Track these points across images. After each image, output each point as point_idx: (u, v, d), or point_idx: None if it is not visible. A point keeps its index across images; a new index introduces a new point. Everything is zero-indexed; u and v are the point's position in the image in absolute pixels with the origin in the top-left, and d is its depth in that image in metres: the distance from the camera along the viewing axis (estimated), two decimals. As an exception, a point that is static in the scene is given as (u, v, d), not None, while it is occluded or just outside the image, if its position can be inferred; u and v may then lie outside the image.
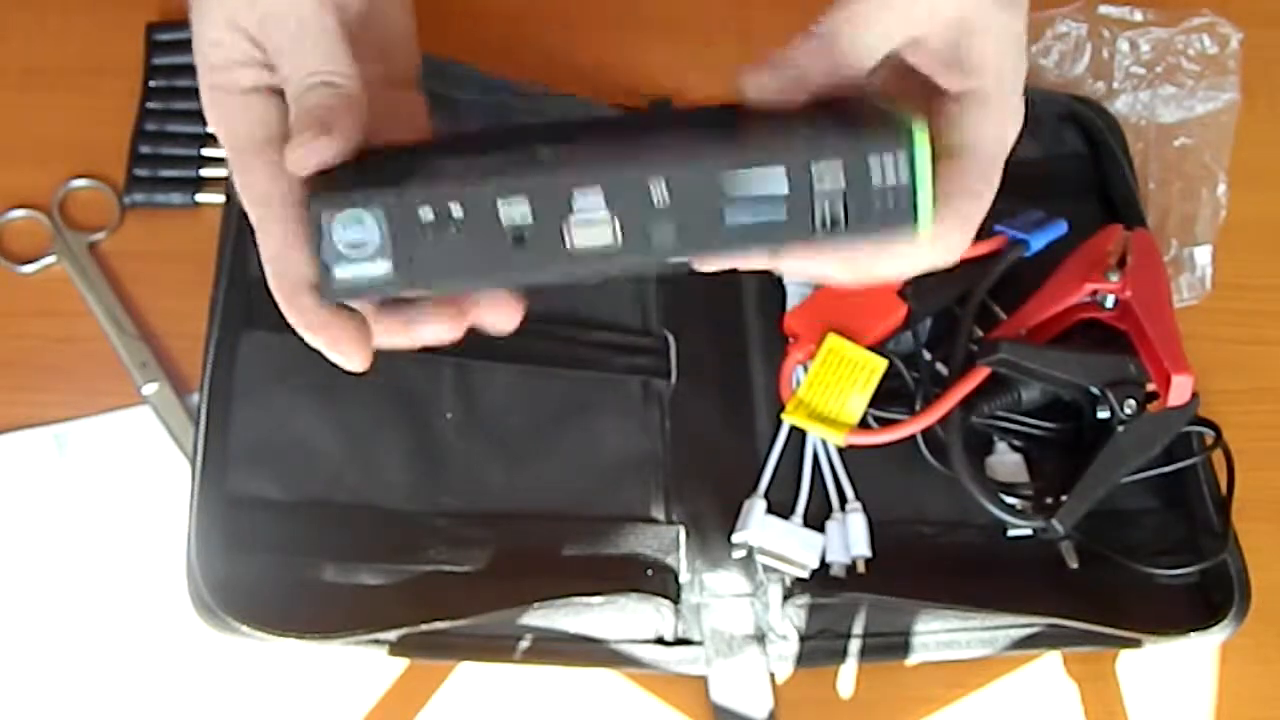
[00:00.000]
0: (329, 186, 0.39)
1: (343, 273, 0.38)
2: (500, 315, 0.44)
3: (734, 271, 0.51)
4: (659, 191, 0.38)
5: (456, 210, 0.38)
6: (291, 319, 0.41)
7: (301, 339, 0.54)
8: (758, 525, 0.56)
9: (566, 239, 0.38)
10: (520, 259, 0.38)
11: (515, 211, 0.38)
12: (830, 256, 0.42)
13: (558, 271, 0.39)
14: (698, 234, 0.38)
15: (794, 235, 0.39)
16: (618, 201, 0.38)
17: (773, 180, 0.38)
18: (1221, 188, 0.67)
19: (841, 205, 0.38)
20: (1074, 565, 0.56)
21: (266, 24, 0.42)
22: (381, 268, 0.38)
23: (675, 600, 0.55)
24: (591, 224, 0.38)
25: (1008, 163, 0.43)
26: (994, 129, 0.42)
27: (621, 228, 0.38)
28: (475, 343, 0.58)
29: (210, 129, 0.44)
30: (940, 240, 0.42)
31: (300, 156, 0.40)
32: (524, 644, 0.54)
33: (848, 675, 0.56)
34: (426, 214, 0.38)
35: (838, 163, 0.38)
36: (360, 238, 0.38)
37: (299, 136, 0.40)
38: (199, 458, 0.55)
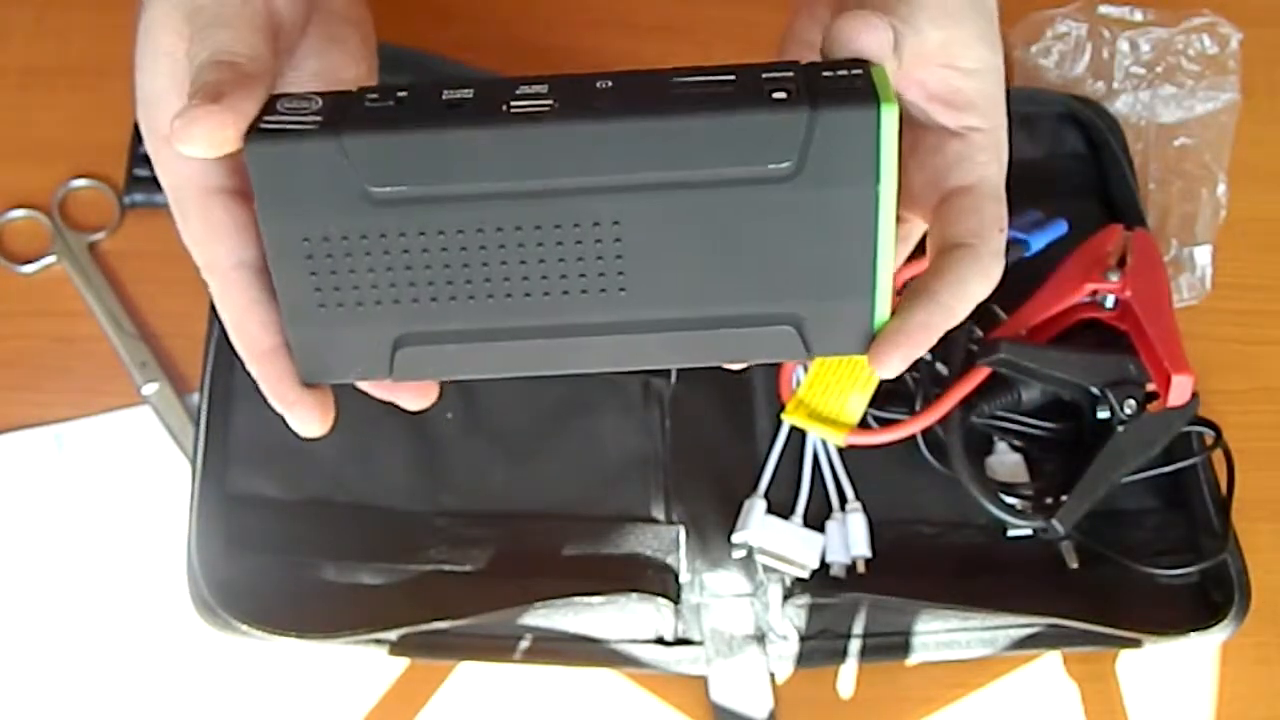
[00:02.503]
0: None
1: (271, 120, 0.36)
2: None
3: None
4: (605, 82, 0.36)
5: (402, 93, 0.37)
6: (258, 380, 0.40)
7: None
8: (758, 525, 0.56)
9: (503, 106, 0.36)
10: (452, 115, 0.36)
11: (459, 92, 0.37)
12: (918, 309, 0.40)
13: (487, 129, 0.36)
14: (640, 99, 0.36)
15: (745, 104, 0.36)
16: (561, 87, 0.36)
17: (722, 75, 0.37)
18: (1221, 188, 0.67)
19: (795, 85, 0.36)
20: (1074, 565, 0.56)
21: (194, 13, 0.39)
22: (311, 120, 0.36)
23: (675, 600, 0.55)
24: (530, 99, 0.36)
25: (1009, 163, 0.44)
26: (997, 165, 0.42)
27: (559, 99, 0.36)
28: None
29: (155, 167, 0.40)
30: (983, 274, 0.41)
31: (180, 126, 0.36)
32: (524, 644, 0.54)
33: (848, 675, 0.56)
34: (372, 95, 0.37)
35: (789, 71, 0.36)
36: (301, 106, 0.37)
37: (184, 106, 0.36)
38: (199, 458, 0.55)
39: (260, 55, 0.38)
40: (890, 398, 0.57)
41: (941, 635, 0.56)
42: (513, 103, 0.36)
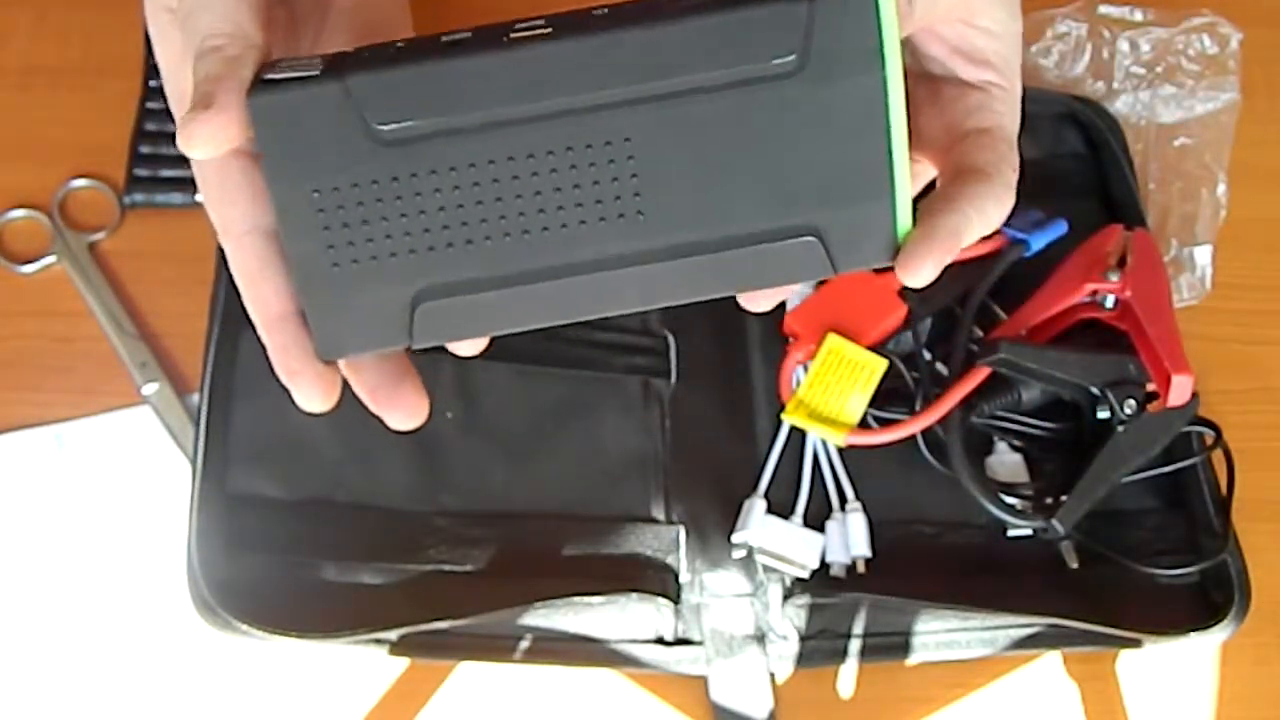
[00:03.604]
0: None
1: (273, 75, 0.36)
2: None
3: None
4: (599, 10, 0.36)
5: (400, 43, 0.37)
6: (267, 345, 0.40)
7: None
8: (758, 525, 0.56)
9: (504, 36, 0.36)
10: (454, 48, 0.36)
11: (455, 35, 0.36)
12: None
13: (490, 55, 0.35)
14: (640, 11, 0.36)
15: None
16: (561, 20, 0.36)
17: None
18: (1221, 188, 0.67)
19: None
20: (1074, 565, 0.56)
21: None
22: (313, 70, 0.36)
23: (675, 600, 0.55)
24: (529, 27, 0.36)
25: None
26: (1014, 119, 0.43)
27: (556, 26, 0.36)
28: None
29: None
30: (998, 200, 0.41)
31: (182, 140, 0.36)
32: (524, 644, 0.54)
33: (848, 675, 0.56)
34: (367, 48, 0.37)
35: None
36: (304, 64, 0.36)
37: (182, 118, 0.36)
38: (199, 457, 0.55)
39: (242, 30, 0.38)
40: (890, 398, 0.56)
41: (941, 635, 0.56)
42: (513, 33, 0.36)
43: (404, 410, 0.42)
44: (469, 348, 0.42)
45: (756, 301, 0.41)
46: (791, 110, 0.36)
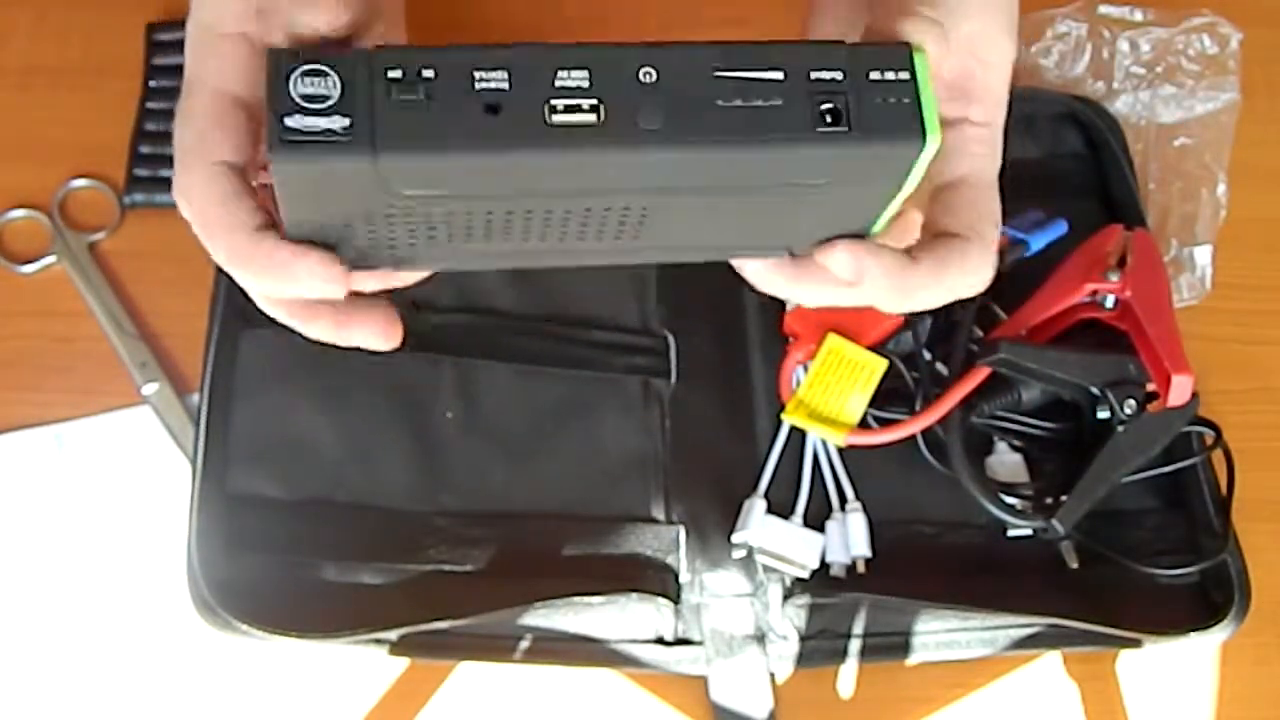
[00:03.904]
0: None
1: (294, 122, 0.34)
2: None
3: (735, 271, 0.51)
4: (647, 73, 0.36)
5: (427, 72, 0.35)
6: (237, 270, 0.38)
7: (300, 336, 0.53)
8: (758, 525, 0.56)
9: (546, 112, 0.35)
10: (493, 131, 0.35)
11: (492, 80, 0.35)
12: (879, 280, 0.41)
13: (531, 151, 0.35)
14: (687, 119, 0.36)
15: (793, 129, 0.36)
16: (603, 81, 0.35)
17: (767, 72, 0.36)
18: (1221, 188, 0.67)
19: (844, 103, 0.36)
20: (1074, 565, 0.56)
21: None
22: (339, 123, 0.35)
23: (675, 600, 0.55)
24: (573, 99, 0.35)
25: (1007, 163, 0.44)
26: (993, 159, 0.43)
27: (605, 106, 0.35)
28: (476, 342, 0.59)
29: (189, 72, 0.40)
30: (974, 269, 0.41)
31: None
32: (524, 644, 0.54)
33: (848, 675, 0.56)
34: (394, 73, 0.35)
35: (838, 72, 0.36)
36: (320, 91, 0.35)
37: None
38: (199, 457, 0.55)
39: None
40: (890, 398, 0.57)
41: (941, 635, 0.56)
42: (553, 104, 0.35)
43: (374, 325, 0.42)
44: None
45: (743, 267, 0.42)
46: (805, 201, 0.38)
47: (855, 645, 0.56)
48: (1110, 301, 0.57)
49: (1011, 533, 0.57)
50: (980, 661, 0.56)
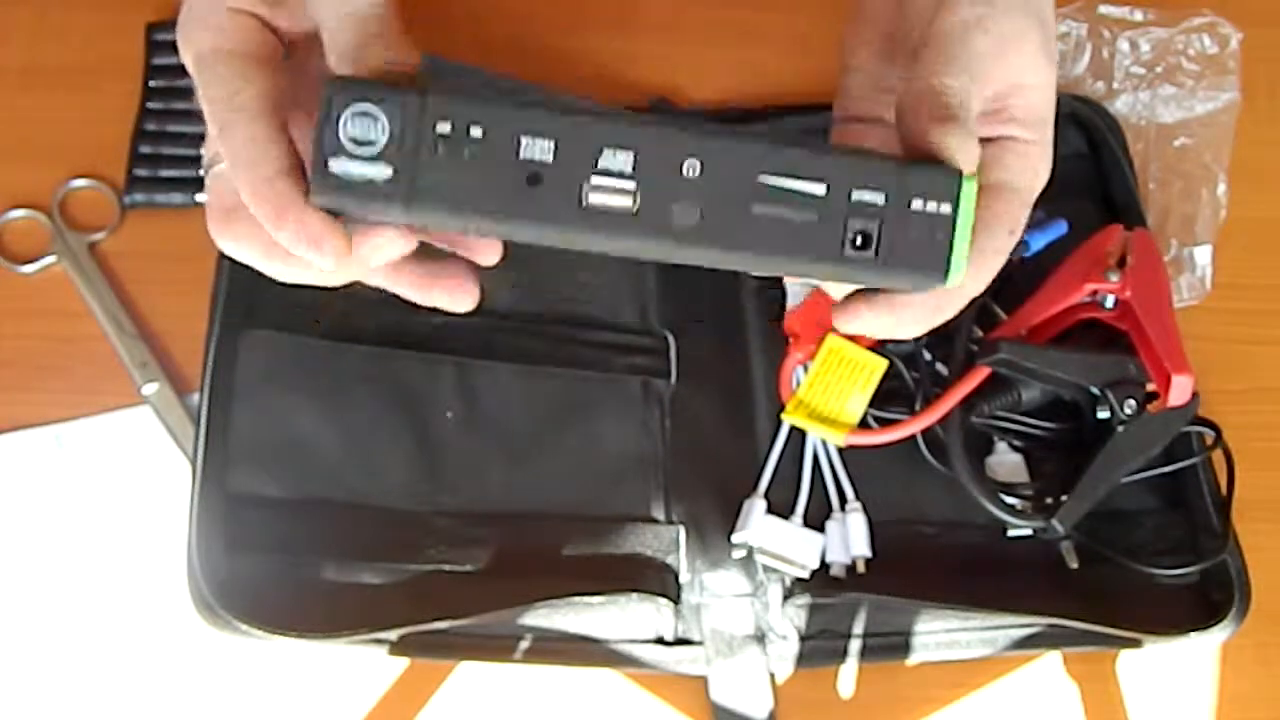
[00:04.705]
0: (349, 76, 0.37)
1: (338, 166, 0.36)
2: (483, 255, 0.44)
3: (735, 271, 0.51)
4: (691, 166, 0.36)
5: (476, 131, 0.36)
6: (260, 211, 0.38)
7: (300, 337, 0.54)
8: (758, 525, 0.56)
9: (583, 192, 0.36)
10: (528, 202, 0.36)
11: (537, 149, 0.36)
12: (912, 315, 0.42)
13: (562, 227, 0.36)
14: (721, 220, 0.37)
15: (821, 249, 0.37)
16: (646, 167, 0.36)
17: (811, 184, 0.37)
18: (1221, 188, 0.67)
19: (876, 230, 0.37)
20: (1074, 565, 0.56)
21: None
22: (381, 172, 0.36)
23: (675, 600, 0.55)
24: (613, 184, 0.36)
25: None
26: (1030, 176, 0.43)
27: (643, 196, 0.36)
28: (475, 342, 0.59)
29: (179, 43, 0.41)
30: (975, 273, 0.42)
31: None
32: (524, 644, 0.54)
33: (848, 675, 0.56)
34: (444, 127, 0.36)
35: (880, 196, 0.37)
36: (368, 135, 0.36)
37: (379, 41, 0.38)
38: (199, 457, 0.55)
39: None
40: (890, 398, 0.57)
41: (941, 635, 0.56)
42: (593, 183, 0.36)
43: (450, 287, 0.43)
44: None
45: None
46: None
47: (855, 645, 0.56)
48: (1110, 301, 0.57)
49: (1011, 533, 0.57)
50: (980, 661, 0.56)
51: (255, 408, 0.57)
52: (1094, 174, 0.66)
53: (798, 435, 0.58)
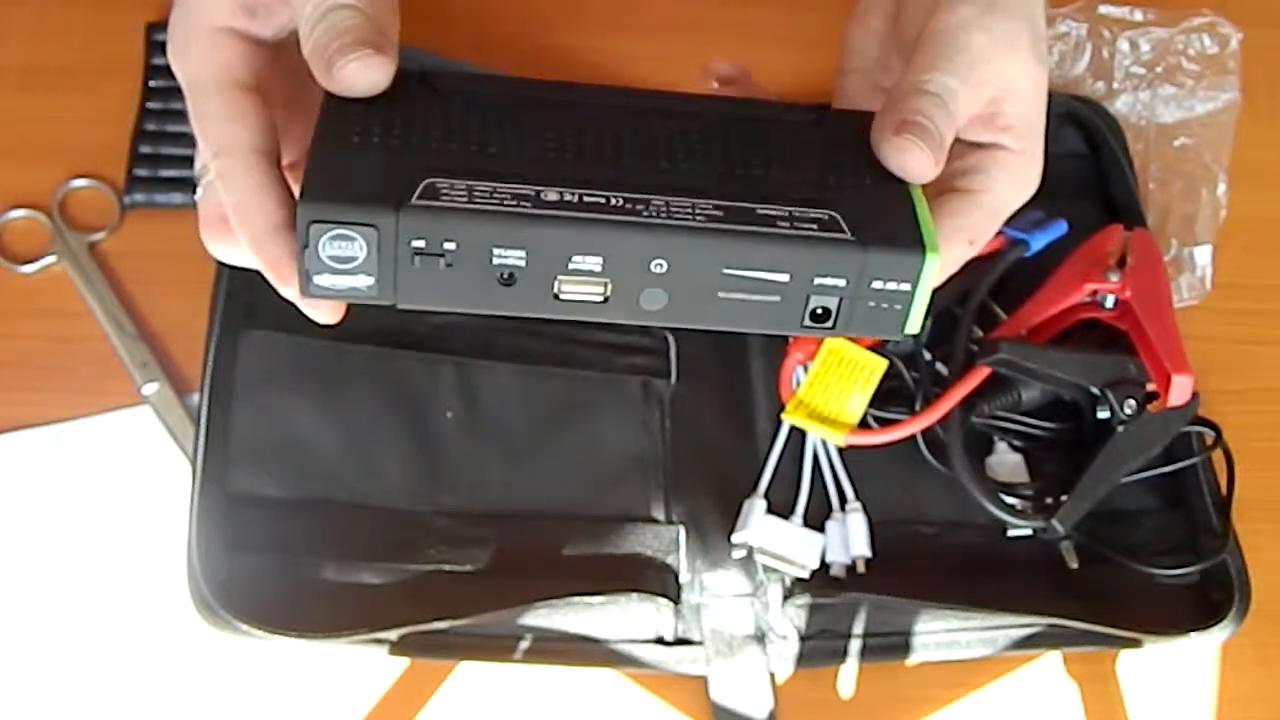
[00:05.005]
0: (323, 186, 0.38)
1: (323, 280, 0.38)
2: None
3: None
4: (658, 264, 0.38)
5: (449, 245, 0.37)
6: (260, 263, 0.40)
7: (301, 337, 0.54)
8: (758, 525, 0.56)
9: (556, 288, 0.38)
10: (505, 298, 0.38)
11: (510, 256, 0.38)
12: None
13: (540, 311, 0.39)
14: (688, 305, 0.39)
15: (781, 322, 0.40)
16: (614, 266, 0.38)
17: (774, 274, 0.39)
18: (1221, 188, 0.67)
19: (835, 306, 0.39)
20: (1074, 565, 0.56)
21: None
22: (363, 282, 0.38)
23: (675, 600, 0.55)
24: (583, 282, 0.38)
25: None
26: (1014, 189, 0.43)
27: (613, 289, 0.39)
28: (475, 342, 0.59)
29: (172, 65, 0.42)
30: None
31: (353, 73, 0.39)
32: (524, 644, 0.54)
33: (848, 675, 0.56)
34: (419, 244, 0.37)
35: (841, 280, 0.39)
36: (348, 254, 0.37)
37: (351, 51, 0.38)
38: (199, 457, 0.55)
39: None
40: (890, 398, 0.57)
41: (941, 635, 0.56)
42: (564, 281, 0.38)
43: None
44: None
45: None
46: None
47: (855, 645, 0.56)
48: (1110, 301, 0.57)
49: (1011, 533, 0.57)
50: (980, 661, 0.56)
51: (255, 408, 0.57)
52: (1094, 174, 0.66)
53: (798, 435, 0.58)
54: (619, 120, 0.42)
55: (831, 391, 0.55)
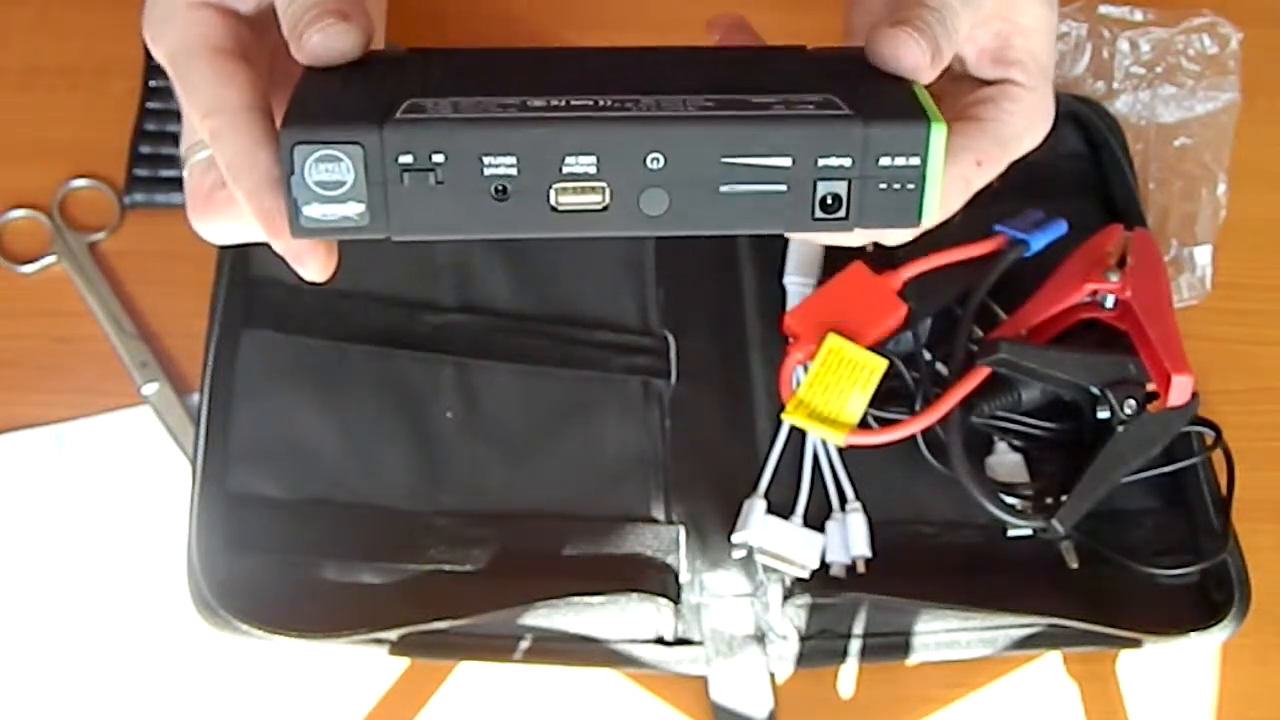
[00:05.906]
0: (305, 114, 0.37)
1: (312, 211, 0.36)
2: None
3: (735, 271, 0.51)
4: (655, 159, 0.37)
5: (438, 158, 0.36)
6: (255, 216, 0.39)
7: (302, 337, 0.54)
8: (758, 525, 0.56)
9: (552, 198, 0.37)
10: (501, 213, 0.37)
11: (500, 165, 0.36)
12: None
13: (540, 228, 0.37)
14: (690, 204, 0.37)
15: (791, 216, 0.38)
16: (610, 167, 0.37)
17: (776, 158, 0.37)
18: (1221, 188, 0.67)
19: (845, 192, 0.37)
20: (1074, 565, 0.56)
21: None
22: (354, 209, 0.36)
23: (675, 600, 0.55)
24: (580, 187, 0.37)
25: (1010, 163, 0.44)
26: (1021, 123, 0.43)
27: (611, 193, 0.37)
28: (475, 342, 0.59)
29: (148, 41, 0.41)
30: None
31: (320, 41, 0.38)
32: (524, 644, 0.54)
33: (848, 675, 0.56)
34: (406, 159, 0.36)
35: (847, 159, 0.37)
36: (335, 178, 0.36)
37: (319, 21, 0.38)
38: (199, 457, 0.55)
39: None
40: (890, 398, 0.56)
41: (941, 635, 0.56)
42: (560, 188, 0.37)
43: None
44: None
45: None
46: None
47: (855, 645, 0.56)
48: (1110, 301, 0.57)
49: (1011, 533, 0.57)
50: (980, 661, 0.56)
51: (255, 408, 0.57)
52: (1094, 174, 0.66)
53: (798, 435, 0.58)
54: (605, 55, 0.41)
55: (831, 391, 0.55)
